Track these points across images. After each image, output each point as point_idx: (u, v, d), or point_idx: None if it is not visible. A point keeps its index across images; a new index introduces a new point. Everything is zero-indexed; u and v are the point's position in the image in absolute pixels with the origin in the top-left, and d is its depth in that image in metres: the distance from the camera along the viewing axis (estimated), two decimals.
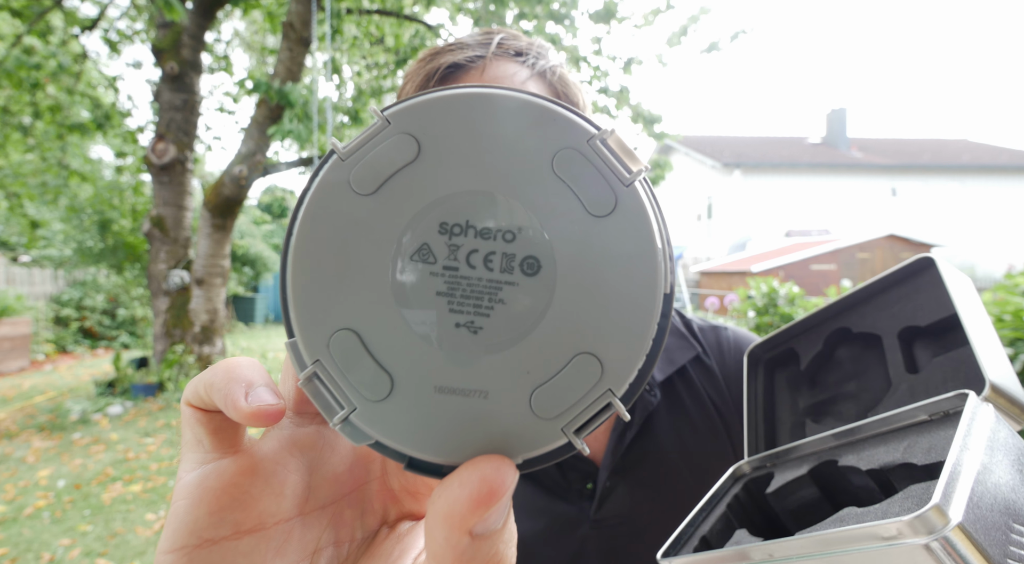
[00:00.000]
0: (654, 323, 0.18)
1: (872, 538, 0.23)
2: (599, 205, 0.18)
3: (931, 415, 0.37)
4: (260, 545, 0.21)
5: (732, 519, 0.44)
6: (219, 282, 6.10)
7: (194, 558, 0.20)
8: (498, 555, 0.18)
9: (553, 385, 0.18)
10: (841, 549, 0.24)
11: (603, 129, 0.19)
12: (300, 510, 0.22)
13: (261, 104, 5.61)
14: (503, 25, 4.98)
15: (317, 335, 0.18)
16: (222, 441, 0.22)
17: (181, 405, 0.22)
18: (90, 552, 2.96)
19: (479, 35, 0.64)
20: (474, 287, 0.18)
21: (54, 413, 5.39)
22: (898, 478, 0.34)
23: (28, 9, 5.37)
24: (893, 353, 0.51)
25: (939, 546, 0.21)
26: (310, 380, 0.19)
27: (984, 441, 0.28)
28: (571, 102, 0.65)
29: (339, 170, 0.19)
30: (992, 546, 0.22)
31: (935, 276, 0.49)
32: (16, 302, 7.79)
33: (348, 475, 0.24)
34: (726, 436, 0.72)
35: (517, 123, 0.19)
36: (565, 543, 0.66)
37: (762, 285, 4.65)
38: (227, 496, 0.21)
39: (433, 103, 0.19)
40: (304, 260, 0.19)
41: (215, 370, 0.21)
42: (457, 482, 0.17)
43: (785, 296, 4.48)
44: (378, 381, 0.18)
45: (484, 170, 0.18)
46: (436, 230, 0.19)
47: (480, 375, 0.18)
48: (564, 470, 0.70)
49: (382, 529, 0.25)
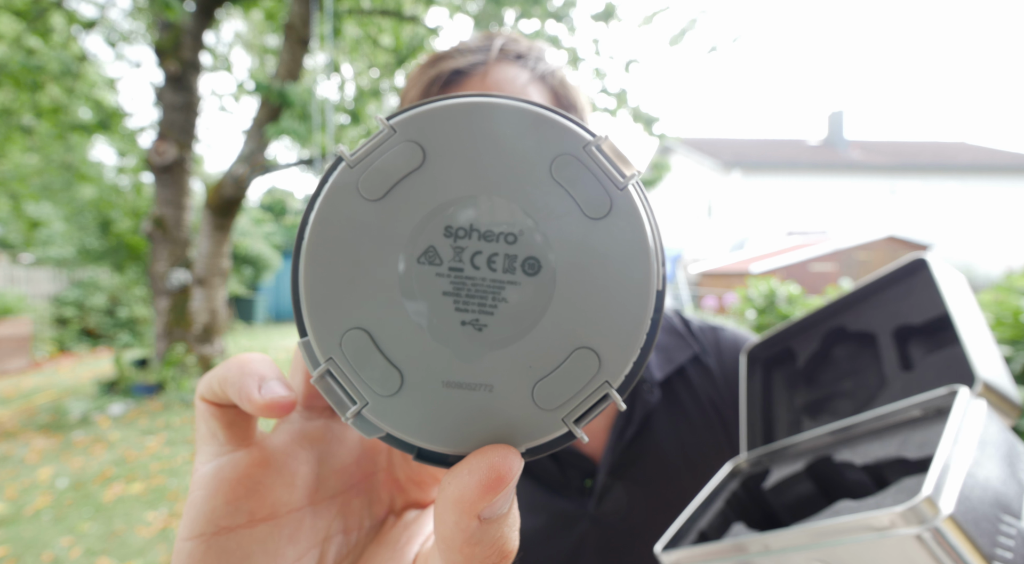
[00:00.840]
0: (648, 318, 0.19)
1: (865, 529, 0.24)
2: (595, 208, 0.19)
3: (924, 411, 0.37)
4: (273, 532, 0.22)
5: (730, 514, 0.45)
6: (219, 282, 6.10)
7: (212, 545, 0.21)
8: (503, 538, 0.19)
9: (554, 378, 0.19)
10: (835, 540, 0.25)
11: (598, 135, 0.20)
12: (310, 500, 0.23)
13: (262, 104, 5.61)
14: (502, 25, 4.99)
15: (329, 334, 0.19)
16: (235, 434, 0.22)
17: (195, 400, 0.23)
18: (91, 551, 2.96)
19: (480, 39, 0.65)
20: (478, 287, 0.19)
21: (55, 413, 5.39)
22: (892, 472, 0.34)
23: (29, 10, 5.38)
24: (888, 351, 0.52)
25: (930, 536, 0.22)
26: (323, 377, 0.20)
27: (975, 435, 0.28)
28: (572, 103, 0.66)
29: (348, 176, 0.20)
30: (982, 537, 0.22)
31: (928, 276, 0.50)
32: (17, 302, 7.79)
33: (356, 466, 0.25)
34: (724, 434, 0.72)
35: (516, 130, 0.19)
36: (564, 539, 0.67)
37: (761, 285, 4.65)
38: (242, 486, 0.22)
39: (436, 112, 0.20)
40: (316, 263, 0.19)
41: (228, 365, 0.22)
42: (466, 470, 0.18)
43: (784, 296, 4.48)
44: (388, 377, 0.19)
45: (486, 175, 0.19)
46: (441, 233, 0.19)
47: (485, 370, 0.19)
48: (564, 467, 0.70)
49: (389, 517, 0.26)
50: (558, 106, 0.64)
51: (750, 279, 5.15)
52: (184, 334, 5.96)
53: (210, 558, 0.21)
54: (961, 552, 0.21)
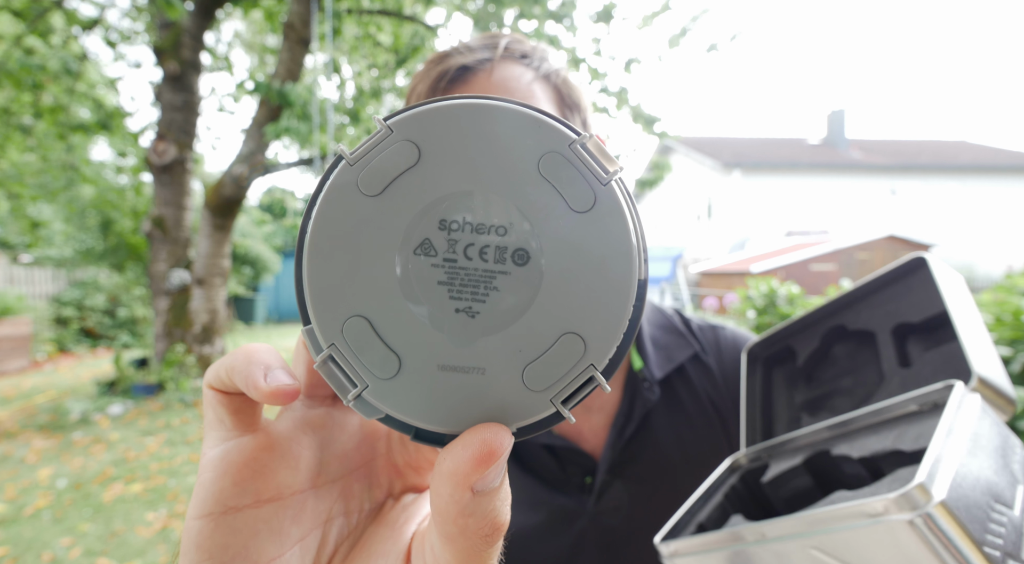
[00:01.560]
0: (630, 306, 0.20)
1: (859, 516, 0.24)
2: (580, 202, 0.21)
3: (921, 406, 0.38)
4: (278, 513, 0.23)
5: (728, 507, 0.45)
6: (219, 282, 6.10)
7: (220, 523, 0.22)
8: (495, 511, 0.20)
9: (542, 361, 0.20)
10: (830, 527, 0.25)
11: (583, 134, 0.21)
12: (313, 483, 0.25)
13: (262, 104, 5.62)
14: (502, 25, 5.00)
15: (332, 322, 0.20)
16: (241, 420, 0.24)
17: (203, 388, 0.24)
18: (90, 552, 2.97)
19: (485, 39, 0.66)
20: (471, 276, 0.21)
21: (55, 413, 5.39)
22: (887, 464, 0.35)
23: (29, 10, 5.38)
24: (886, 348, 0.52)
25: (922, 522, 0.22)
26: (325, 363, 0.21)
27: (969, 427, 0.29)
28: (575, 102, 0.67)
29: (348, 174, 0.21)
30: (973, 523, 0.23)
31: (927, 275, 0.51)
32: (17, 302, 7.79)
33: (356, 452, 0.27)
34: (723, 432, 0.73)
35: (506, 129, 0.21)
36: (564, 535, 0.67)
37: (761, 285, 4.65)
38: (248, 469, 0.23)
39: (431, 112, 0.21)
40: (319, 255, 0.20)
41: (236, 355, 0.23)
42: (461, 445, 0.20)
43: (785, 296, 4.49)
44: (387, 361, 0.20)
45: (477, 172, 0.21)
46: (436, 226, 0.21)
47: (478, 354, 0.21)
48: (564, 465, 0.71)
49: (388, 501, 0.28)
50: (561, 104, 0.66)
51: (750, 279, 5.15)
52: (184, 334, 5.97)
53: (218, 536, 0.22)
54: (952, 537, 0.22)
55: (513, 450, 0.73)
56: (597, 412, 0.73)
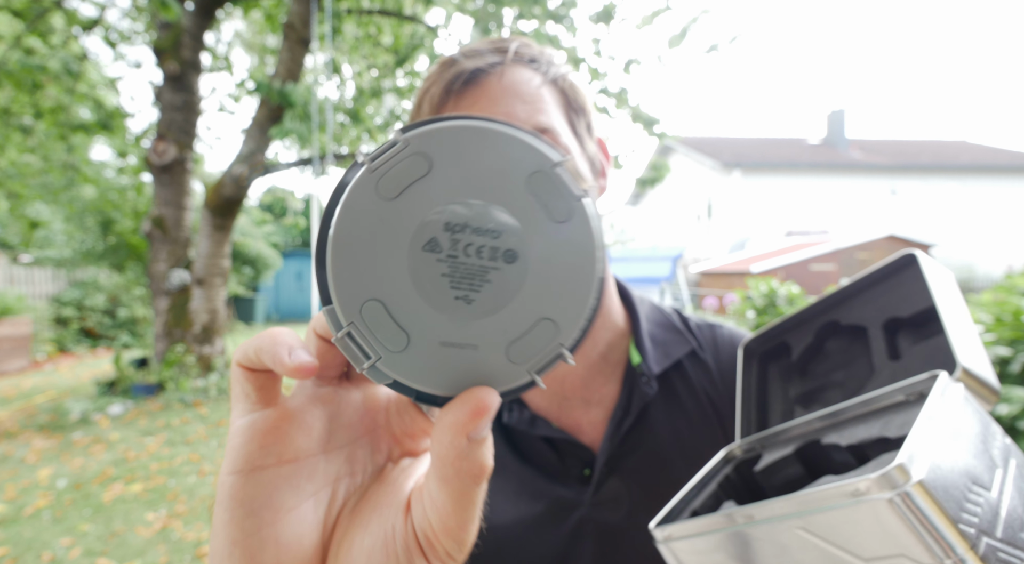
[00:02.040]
0: (593, 297, 0.26)
1: (843, 496, 0.26)
2: (559, 214, 0.25)
3: (907, 396, 0.39)
4: (296, 472, 0.28)
5: (721, 495, 0.47)
6: (219, 282, 6.12)
7: (248, 479, 0.27)
8: (482, 456, 0.25)
9: (523, 341, 0.25)
10: (816, 508, 0.27)
11: (563, 159, 0.25)
12: (323, 448, 0.29)
13: (262, 104, 5.63)
14: (501, 25, 5.01)
15: (352, 304, 0.24)
16: (264, 395, 0.28)
17: (232, 366, 0.28)
18: (90, 552, 2.98)
19: (495, 43, 0.69)
20: (469, 270, 0.25)
21: (54, 413, 5.41)
22: (874, 451, 0.36)
23: (29, 10, 5.39)
24: (877, 342, 0.53)
25: (900, 500, 0.24)
26: (343, 338, 0.25)
27: (951, 413, 0.30)
28: (580, 106, 0.71)
29: (368, 179, 0.25)
30: (949, 502, 0.24)
31: (917, 271, 0.52)
32: (17, 302, 7.80)
33: (359, 423, 0.31)
34: (719, 428, 0.74)
35: (503, 150, 0.25)
36: (563, 525, 0.69)
37: (761, 285, 4.67)
38: (271, 435, 0.27)
39: (443, 130, 0.25)
40: (342, 247, 0.24)
41: (262, 336, 0.27)
42: (460, 402, 0.25)
43: (785, 296, 4.50)
44: (397, 337, 0.25)
45: (478, 184, 0.25)
46: (442, 228, 0.25)
47: (472, 333, 0.25)
48: (563, 457, 0.72)
49: (388, 464, 0.32)
50: (568, 108, 0.70)
51: (750, 279, 5.17)
52: (184, 334, 5.98)
53: (248, 489, 0.26)
54: (928, 515, 0.23)
55: (513, 443, 0.74)
56: (596, 406, 0.74)
